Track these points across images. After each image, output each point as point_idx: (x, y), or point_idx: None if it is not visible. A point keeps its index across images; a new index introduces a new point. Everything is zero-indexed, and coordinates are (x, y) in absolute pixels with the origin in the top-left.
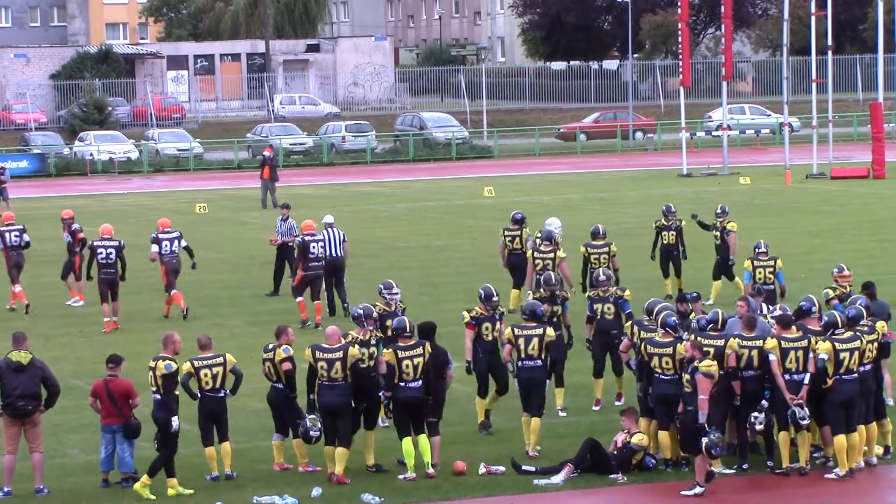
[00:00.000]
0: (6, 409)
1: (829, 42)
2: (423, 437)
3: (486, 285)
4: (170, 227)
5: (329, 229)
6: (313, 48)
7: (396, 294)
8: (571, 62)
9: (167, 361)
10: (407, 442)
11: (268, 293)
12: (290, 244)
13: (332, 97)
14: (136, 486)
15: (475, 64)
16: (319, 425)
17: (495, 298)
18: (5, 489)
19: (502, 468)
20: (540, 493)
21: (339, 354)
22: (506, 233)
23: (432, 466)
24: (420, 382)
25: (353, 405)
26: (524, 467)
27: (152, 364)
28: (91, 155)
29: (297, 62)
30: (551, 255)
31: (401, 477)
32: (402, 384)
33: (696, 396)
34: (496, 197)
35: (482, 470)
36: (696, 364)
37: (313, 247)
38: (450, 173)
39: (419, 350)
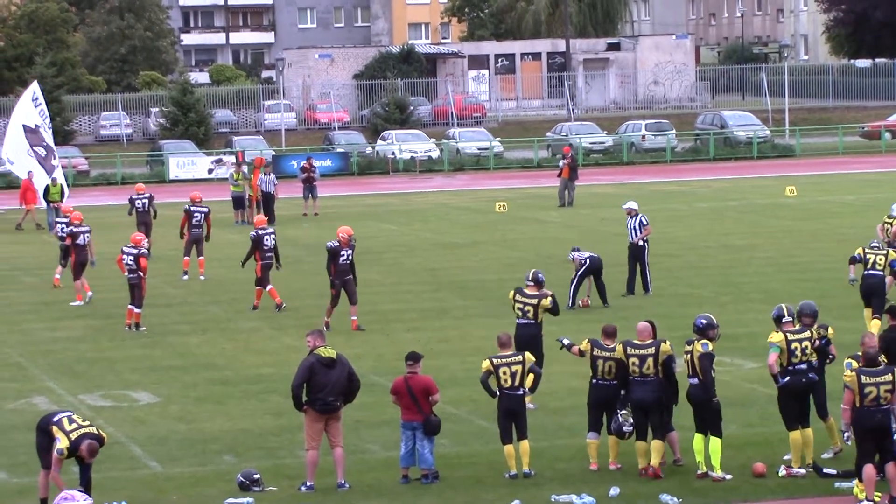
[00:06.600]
0: (314, 405)
1: None
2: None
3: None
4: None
5: (633, 216)
6: (614, 47)
7: None
8: (877, 60)
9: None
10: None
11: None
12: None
13: (633, 96)
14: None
15: (777, 62)
16: (632, 420)
17: None
18: (308, 483)
19: (802, 471)
20: (842, 497)
21: (651, 350)
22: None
23: (675, 463)
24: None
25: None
26: (825, 470)
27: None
28: (393, 154)
29: (597, 61)
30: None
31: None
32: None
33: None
34: (798, 196)
35: (782, 472)
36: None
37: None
38: (751, 172)
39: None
